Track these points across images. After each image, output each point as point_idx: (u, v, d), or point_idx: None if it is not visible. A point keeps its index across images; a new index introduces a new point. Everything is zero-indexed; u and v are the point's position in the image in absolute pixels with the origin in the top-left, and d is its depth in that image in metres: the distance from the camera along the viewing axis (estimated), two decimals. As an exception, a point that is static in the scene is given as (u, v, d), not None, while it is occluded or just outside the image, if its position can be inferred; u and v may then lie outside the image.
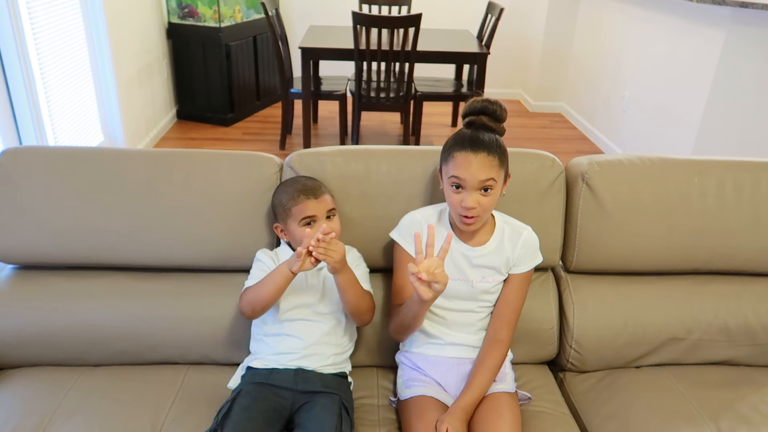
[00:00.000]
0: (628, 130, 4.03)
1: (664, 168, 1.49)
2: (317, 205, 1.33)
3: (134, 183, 1.43)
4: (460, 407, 1.26)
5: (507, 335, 1.38)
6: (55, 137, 2.83)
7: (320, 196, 1.34)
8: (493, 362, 1.34)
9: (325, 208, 1.34)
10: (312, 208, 1.33)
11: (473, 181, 1.24)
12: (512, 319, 1.39)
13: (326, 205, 1.35)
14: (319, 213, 1.33)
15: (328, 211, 1.35)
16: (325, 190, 1.38)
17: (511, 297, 1.39)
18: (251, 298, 1.31)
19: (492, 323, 1.39)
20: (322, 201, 1.34)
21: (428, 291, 1.17)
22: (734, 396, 1.40)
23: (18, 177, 1.42)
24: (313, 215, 1.33)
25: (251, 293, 1.32)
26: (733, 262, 1.54)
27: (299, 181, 1.39)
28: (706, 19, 3.11)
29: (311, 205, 1.33)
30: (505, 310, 1.39)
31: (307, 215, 1.33)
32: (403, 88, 3.74)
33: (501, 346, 1.37)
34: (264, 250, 1.43)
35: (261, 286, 1.29)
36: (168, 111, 4.43)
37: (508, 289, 1.39)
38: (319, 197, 1.34)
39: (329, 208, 1.35)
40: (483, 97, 1.34)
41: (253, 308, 1.32)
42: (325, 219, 1.34)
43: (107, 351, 1.44)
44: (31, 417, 1.26)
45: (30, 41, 2.60)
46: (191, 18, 4.24)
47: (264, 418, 1.22)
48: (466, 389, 1.30)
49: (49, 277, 1.47)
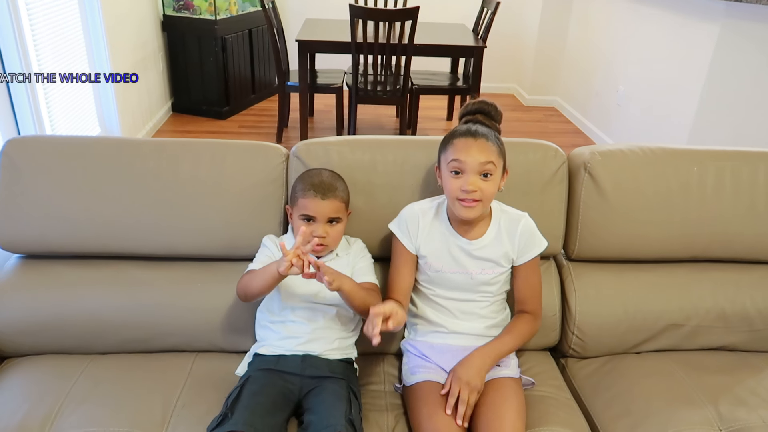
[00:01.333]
0: (622, 124, 4.06)
1: (664, 158, 1.52)
2: (321, 206, 1.31)
3: (140, 172, 1.43)
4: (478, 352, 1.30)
5: (533, 308, 1.41)
6: (53, 130, 2.83)
7: (328, 198, 1.32)
8: (521, 329, 1.38)
9: (328, 212, 1.32)
10: (314, 207, 1.32)
11: (473, 164, 1.26)
12: (535, 297, 1.42)
13: (330, 210, 1.32)
14: (319, 215, 1.32)
15: (331, 217, 1.33)
16: (339, 196, 1.34)
17: (525, 283, 1.41)
18: (245, 285, 1.33)
19: (517, 307, 1.42)
20: (329, 204, 1.32)
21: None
22: (732, 380, 1.43)
23: (23, 166, 1.42)
24: (313, 215, 1.32)
25: (246, 281, 1.33)
26: (730, 250, 1.57)
27: (321, 174, 1.37)
28: (701, 13, 3.14)
29: (315, 204, 1.32)
30: (524, 293, 1.41)
31: (307, 212, 1.33)
32: (400, 81, 3.75)
33: (529, 320, 1.40)
34: (270, 236, 1.43)
35: (255, 277, 1.30)
36: (163, 104, 4.42)
37: (520, 279, 1.41)
38: (327, 199, 1.32)
39: (333, 214, 1.33)
40: (479, 98, 1.37)
41: (245, 295, 1.34)
42: (325, 222, 1.33)
43: (115, 339, 1.45)
44: (42, 404, 1.27)
45: (28, 35, 2.58)
46: (187, 11, 4.22)
47: (273, 402, 1.23)
48: (491, 342, 1.34)
49: (56, 266, 1.47)
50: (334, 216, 1.34)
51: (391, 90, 3.76)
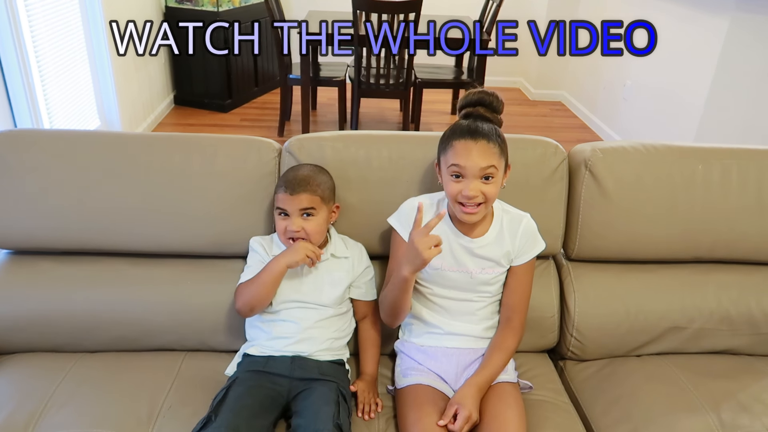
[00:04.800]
0: (629, 119, 4.01)
1: (667, 155, 1.47)
2: (289, 201, 1.31)
3: (131, 167, 1.41)
4: (474, 383, 1.26)
5: (519, 322, 1.38)
6: (51, 122, 2.80)
7: (296, 194, 1.31)
8: (509, 345, 1.35)
9: (298, 206, 1.31)
10: (283, 201, 1.32)
11: (474, 169, 1.22)
12: (523, 307, 1.38)
13: (299, 204, 1.31)
14: (290, 209, 1.32)
15: (301, 210, 1.31)
16: (312, 190, 1.32)
17: (518, 287, 1.38)
18: (250, 298, 1.31)
19: (503, 312, 1.39)
20: (296, 199, 1.31)
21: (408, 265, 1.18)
22: (736, 385, 1.39)
23: (12, 160, 1.40)
24: (285, 209, 1.32)
25: (249, 294, 1.31)
26: (736, 251, 1.52)
27: (297, 170, 1.36)
28: (710, 6, 3.08)
29: (284, 199, 1.32)
30: (513, 299, 1.38)
31: (279, 206, 1.34)
32: (403, 74, 3.70)
33: (515, 333, 1.37)
34: (255, 238, 1.41)
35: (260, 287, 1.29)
36: (165, 96, 4.39)
37: (514, 280, 1.38)
38: (295, 194, 1.31)
39: (303, 206, 1.31)
40: (479, 88, 1.32)
41: (251, 308, 1.33)
42: (298, 215, 1.31)
43: (104, 337, 1.42)
44: (27, 404, 1.24)
45: (25, 25, 2.56)
46: (189, 2, 4.19)
47: (260, 405, 1.20)
48: (480, 368, 1.30)
49: (45, 262, 1.45)
50: (306, 207, 1.31)
51: (394, 83, 3.72)
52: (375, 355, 1.41)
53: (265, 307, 1.34)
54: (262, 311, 1.35)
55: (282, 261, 1.29)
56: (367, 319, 1.44)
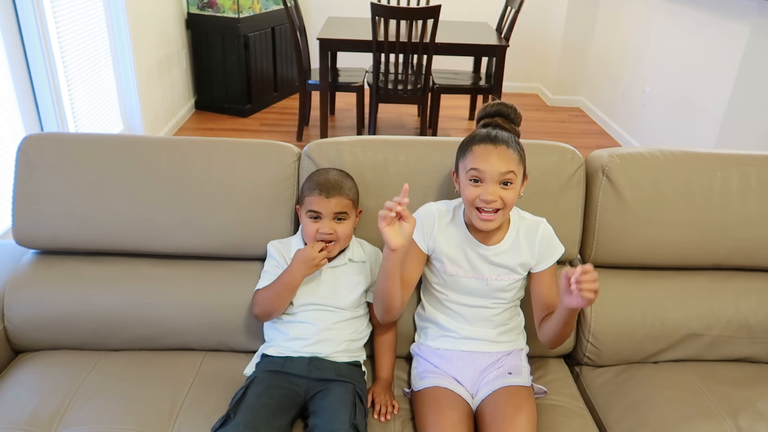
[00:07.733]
0: (648, 125, 3.98)
1: (686, 161, 1.47)
2: (324, 204, 1.32)
3: (154, 170, 1.44)
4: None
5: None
6: (76, 126, 2.87)
7: (332, 197, 1.33)
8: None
9: (333, 209, 1.33)
10: (318, 204, 1.33)
11: (493, 174, 1.23)
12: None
13: (334, 207, 1.33)
14: (324, 212, 1.33)
15: (336, 213, 1.33)
16: (345, 194, 1.35)
17: (552, 286, 1.34)
18: (267, 304, 1.34)
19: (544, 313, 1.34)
20: (332, 202, 1.33)
21: (397, 236, 1.18)
22: (754, 393, 1.38)
23: (39, 163, 1.44)
24: (319, 212, 1.33)
25: (266, 303, 1.34)
26: (755, 258, 1.51)
27: (327, 173, 1.38)
28: (731, 11, 3.05)
29: (319, 202, 1.33)
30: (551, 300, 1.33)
31: (312, 209, 1.34)
32: (421, 80, 3.72)
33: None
34: (273, 243, 1.43)
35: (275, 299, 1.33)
36: (186, 101, 4.46)
37: (542, 286, 1.35)
38: (331, 197, 1.33)
39: (338, 210, 1.33)
40: (498, 100, 1.34)
41: (269, 313, 1.36)
42: (331, 219, 1.33)
43: (126, 336, 1.45)
44: (52, 398, 1.28)
45: (52, 31, 2.62)
46: (210, 9, 4.25)
47: (277, 404, 1.22)
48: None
49: (70, 262, 1.49)
50: (339, 212, 1.34)
51: (412, 89, 3.74)
52: (391, 359, 1.42)
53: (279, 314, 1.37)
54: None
55: (298, 276, 1.31)
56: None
